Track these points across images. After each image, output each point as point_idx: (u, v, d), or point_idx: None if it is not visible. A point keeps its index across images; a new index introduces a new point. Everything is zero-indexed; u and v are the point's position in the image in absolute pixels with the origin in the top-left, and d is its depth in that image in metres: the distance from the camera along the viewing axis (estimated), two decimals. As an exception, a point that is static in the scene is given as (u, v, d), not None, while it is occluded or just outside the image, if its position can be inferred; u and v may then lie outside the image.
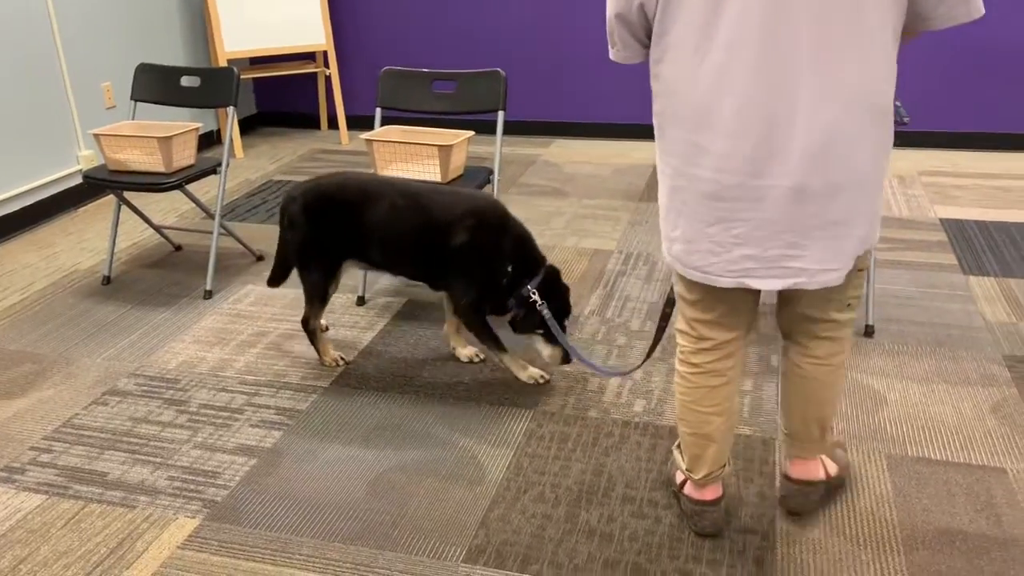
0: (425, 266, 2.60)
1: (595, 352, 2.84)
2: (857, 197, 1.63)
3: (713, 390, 1.89)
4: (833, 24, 1.50)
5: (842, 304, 1.84)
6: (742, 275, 1.68)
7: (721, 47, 1.55)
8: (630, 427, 2.43)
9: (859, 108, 1.56)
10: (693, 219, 1.69)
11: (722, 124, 1.59)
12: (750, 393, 2.58)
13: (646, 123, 5.29)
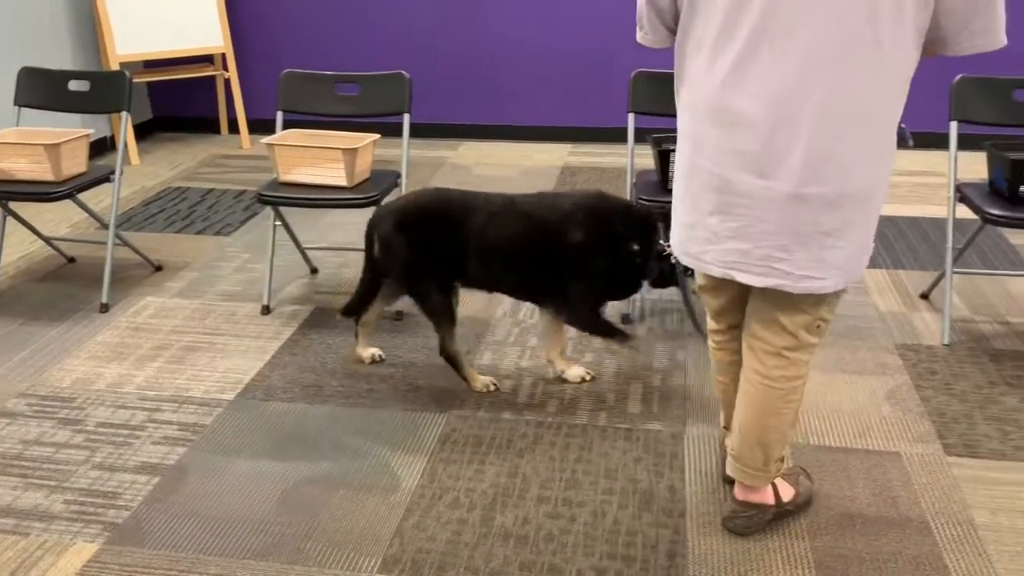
0: (539, 276, 2.44)
1: (507, 354, 2.84)
2: (853, 212, 1.65)
3: (728, 365, 2.06)
4: (850, 40, 1.53)
5: (812, 323, 1.81)
6: (730, 267, 1.74)
7: (739, 47, 1.60)
8: (544, 427, 2.44)
9: (865, 124, 1.59)
10: (696, 206, 1.76)
11: (731, 122, 1.64)
12: (659, 389, 2.62)
13: (552, 125, 5.35)
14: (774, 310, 1.81)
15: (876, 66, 1.56)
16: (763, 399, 1.88)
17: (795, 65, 1.57)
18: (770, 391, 1.86)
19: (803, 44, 1.56)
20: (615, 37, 5.07)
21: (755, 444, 1.92)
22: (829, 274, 1.70)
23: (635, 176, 3.11)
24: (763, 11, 1.57)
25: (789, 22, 1.56)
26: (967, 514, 2.06)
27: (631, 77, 3.09)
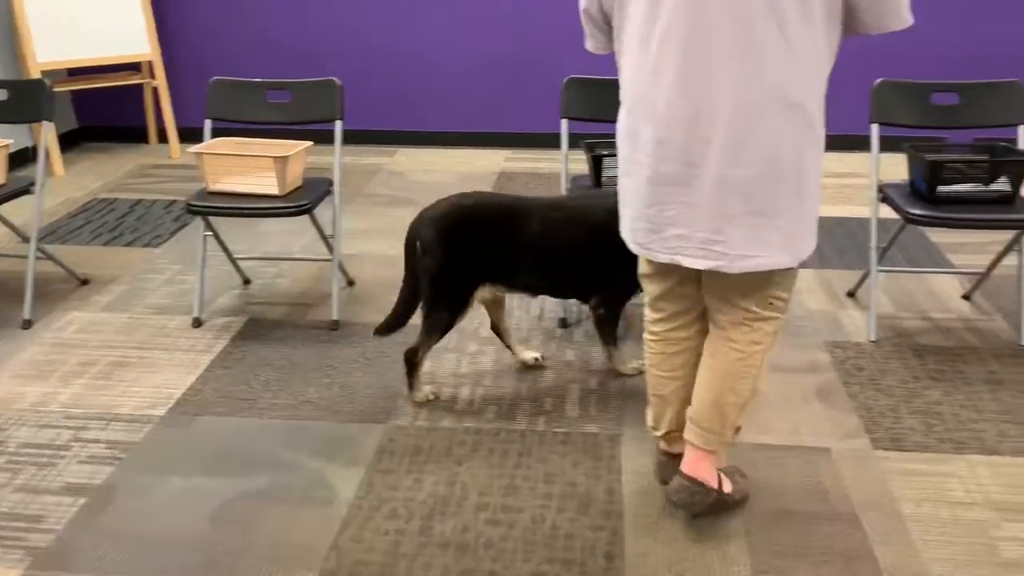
0: (588, 275, 2.54)
1: (445, 361, 2.83)
2: (778, 190, 1.75)
3: (669, 357, 2.07)
4: (753, 26, 1.64)
5: (764, 299, 1.90)
6: (674, 252, 1.84)
7: (656, 43, 1.73)
8: (482, 434, 2.43)
9: (778, 106, 1.69)
10: (636, 200, 1.87)
11: (657, 115, 1.75)
12: (597, 391, 2.64)
13: (488, 131, 5.35)
14: (726, 290, 1.91)
15: (787, 55, 1.67)
16: (726, 360, 1.96)
17: (705, 61, 1.69)
18: (732, 352, 1.95)
19: (709, 41, 1.68)
20: (551, 42, 5.11)
21: (713, 406, 1.98)
22: (765, 252, 1.79)
23: (570, 181, 3.12)
24: (672, 13, 1.70)
25: (694, 23, 1.68)
26: (895, 506, 2.12)
27: (563, 83, 3.12)
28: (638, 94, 1.79)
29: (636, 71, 1.79)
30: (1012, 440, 2.37)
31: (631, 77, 1.81)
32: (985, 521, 2.06)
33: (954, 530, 2.04)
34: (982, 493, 2.16)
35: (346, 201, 4.32)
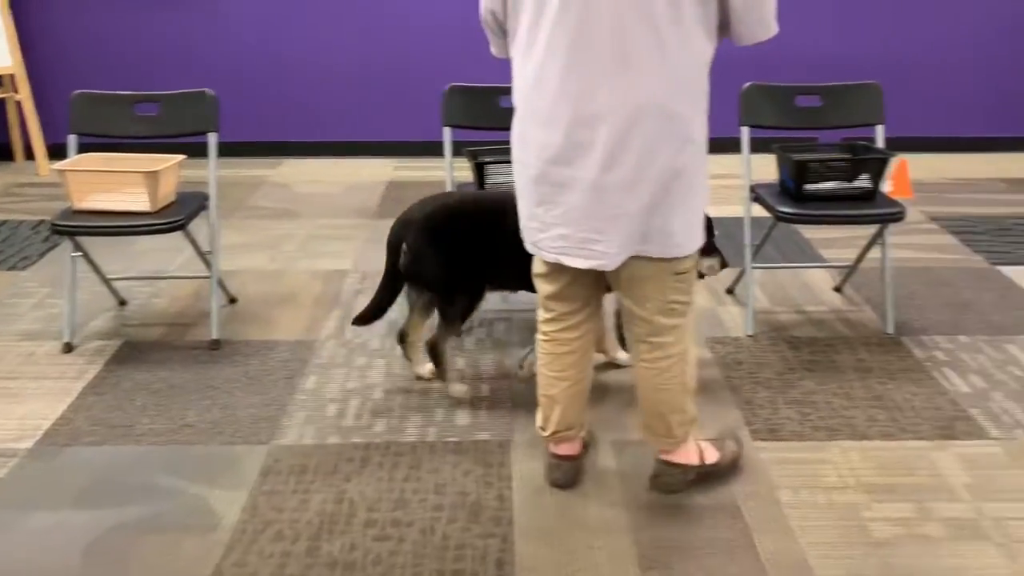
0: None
1: (333, 377, 2.78)
2: (654, 194, 1.82)
3: (558, 357, 2.11)
4: (631, 36, 1.72)
5: (663, 306, 1.95)
6: (559, 252, 1.91)
7: (541, 49, 1.80)
8: (371, 448, 2.39)
9: (655, 113, 1.76)
10: (526, 199, 1.94)
11: (541, 118, 1.83)
12: (488, 399, 2.64)
13: (375, 140, 5.30)
14: (629, 303, 1.98)
15: (664, 65, 1.74)
16: (646, 378, 2.06)
17: (586, 69, 1.76)
18: (648, 371, 2.04)
19: (589, 50, 1.74)
20: (438, 49, 5.10)
21: (654, 414, 2.09)
22: (642, 251, 1.87)
23: (455, 189, 3.12)
24: (554, 23, 1.77)
25: (575, 32, 1.75)
26: (773, 495, 2.20)
27: (444, 91, 3.11)
28: (526, 99, 1.87)
29: (522, 75, 1.87)
30: (880, 424, 2.49)
31: (520, 83, 1.88)
32: (857, 503, 2.16)
33: (828, 514, 2.12)
34: (854, 477, 2.26)
35: (227, 215, 4.20)
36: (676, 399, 2.07)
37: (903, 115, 5.20)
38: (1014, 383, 2.70)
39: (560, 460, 2.23)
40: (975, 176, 4.84)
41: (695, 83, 1.82)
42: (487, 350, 2.94)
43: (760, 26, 1.80)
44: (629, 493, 2.21)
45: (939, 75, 5.13)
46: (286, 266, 3.66)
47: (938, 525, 2.08)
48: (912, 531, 2.06)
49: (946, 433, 2.44)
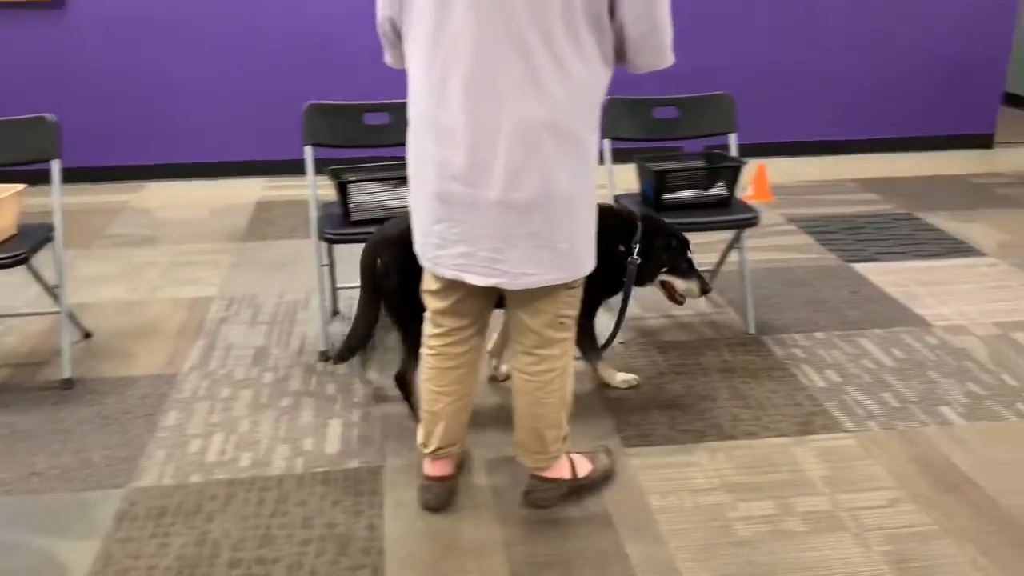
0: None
1: (196, 411, 2.66)
2: (555, 214, 1.83)
3: (443, 371, 2.09)
4: (531, 58, 1.71)
5: (554, 320, 1.97)
6: (460, 269, 1.90)
7: (440, 68, 1.77)
8: (236, 485, 2.30)
9: (553, 134, 1.77)
10: (424, 215, 1.92)
11: (442, 136, 1.81)
12: (358, 424, 2.58)
13: (243, 159, 5.15)
14: (519, 313, 1.99)
15: (563, 87, 1.75)
16: (525, 392, 2.06)
17: (486, 89, 1.75)
18: (529, 384, 2.04)
19: (489, 70, 1.74)
20: (305, 66, 4.99)
21: (529, 430, 2.10)
22: (542, 271, 1.88)
23: (320, 209, 3.05)
24: (454, 41, 1.75)
25: (476, 51, 1.74)
26: (644, 501, 2.23)
27: (303, 110, 3.04)
28: (423, 114, 1.84)
29: (422, 91, 1.83)
30: (744, 423, 2.57)
31: (416, 97, 1.86)
32: (723, 504, 2.22)
33: (695, 517, 2.17)
34: (720, 477, 2.33)
35: (84, 245, 3.99)
36: (555, 413, 2.08)
37: (761, 122, 5.44)
38: (867, 376, 2.84)
39: (432, 482, 2.20)
40: (829, 178, 5.09)
41: (592, 107, 1.83)
42: (358, 375, 2.88)
43: (656, 55, 1.82)
44: (502, 511, 2.20)
45: (792, 83, 5.38)
46: (147, 296, 3.50)
47: (798, 520, 2.16)
48: (775, 527, 2.13)
49: (805, 428, 2.55)
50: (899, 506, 2.20)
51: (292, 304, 3.41)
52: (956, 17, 5.35)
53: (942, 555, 2.03)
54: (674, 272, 2.55)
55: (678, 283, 2.56)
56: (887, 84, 5.45)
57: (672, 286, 2.57)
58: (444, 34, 1.76)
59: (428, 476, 2.20)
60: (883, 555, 2.03)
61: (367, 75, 5.03)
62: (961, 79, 5.49)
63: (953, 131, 5.62)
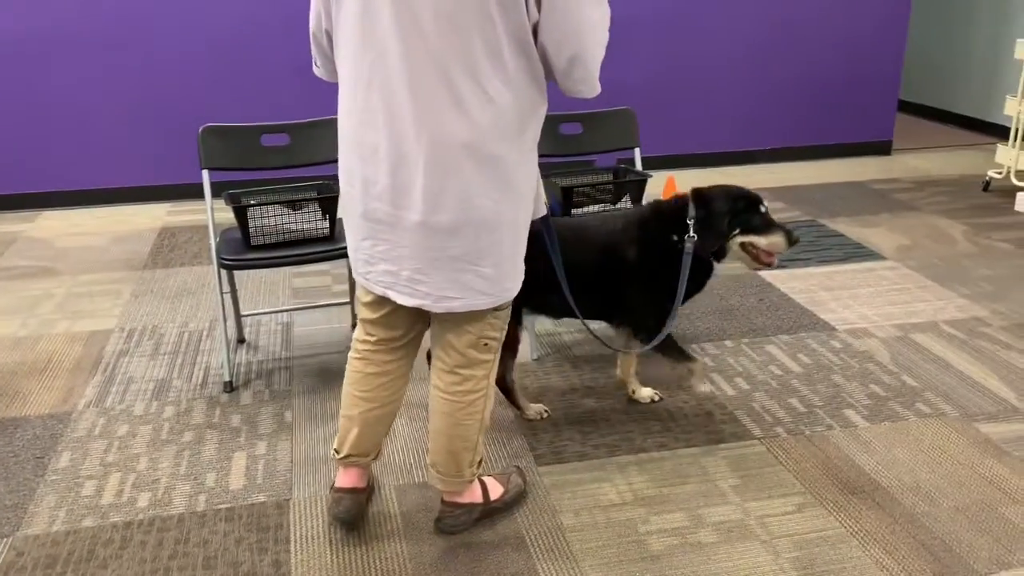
0: (602, 297, 2.49)
1: (91, 451, 2.53)
2: (478, 239, 1.79)
3: (366, 376, 2.07)
4: (453, 80, 1.68)
5: (477, 341, 1.95)
6: (386, 287, 1.90)
7: (364, 87, 1.76)
8: (133, 527, 2.19)
9: (474, 157, 1.73)
10: (353, 232, 1.91)
11: (366, 155, 1.80)
12: (264, 457, 2.50)
13: (146, 184, 4.98)
14: (443, 331, 1.96)
15: (486, 110, 1.71)
16: (445, 412, 2.02)
17: (408, 110, 1.72)
18: (449, 404, 2.01)
19: (412, 91, 1.70)
20: (204, 88, 4.86)
21: (446, 452, 2.05)
22: (466, 295, 1.85)
23: (220, 235, 2.96)
24: (378, 61, 1.72)
25: (398, 72, 1.70)
26: (556, 520, 2.21)
27: (199, 133, 2.94)
28: (350, 133, 1.83)
29: (348, 110, 1.82)
30: (655, 436, 2.58)
31: (344, 115, 1.84)
32: (635, 519, 2.22)
33: (608, 533, 2.16)
34: (632, 492, 2.32)
35: (-29, 279, 3.79)
36: (473, 436, 2.05)
37: (670, 135, 5.54)
38: (774, 382, 2.89)
39: (343, 494, 2.15)
40: (737, 187, 5.20)
41: (520, 132, 1.78)
42: (264, 403, 2.79)
43: (583, 85, 1.78)
44: (413, 538, 2.15)
45: (697, 97, 5.49)
46: (40, 331, 3.34)
47: (710, 530, 2.17)
48: (685, 540, 2.13)
49: (715, 438, 2.57)
50: (806, 511, 2.23)
51: (196, 334, 3.30)
52: (852, 30, 5.55)
53: (848, 558, 2.06)
54: (750, 231, 2.41)
55: (759, 240, 2.41)
56: (788, 95, 5.61)
57: (753, 246, 2.43)
58: (368, 52, 1.73)
59: (338, 488, 2.15)
60: (791, 562, 2.05)
61: (269, 96, 4.94)
62: (859, 89, 5.70)
63: (853, 139, 5.82)
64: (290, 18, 4.85)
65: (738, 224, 2.40)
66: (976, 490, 2.31)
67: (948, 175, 5.40)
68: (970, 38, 6.53)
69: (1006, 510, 2.23)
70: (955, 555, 2.07)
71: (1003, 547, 2.09)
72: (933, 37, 6.89)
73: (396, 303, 1.95)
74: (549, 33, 1.68)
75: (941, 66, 6.83)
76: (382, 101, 1.74)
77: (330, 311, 3.46)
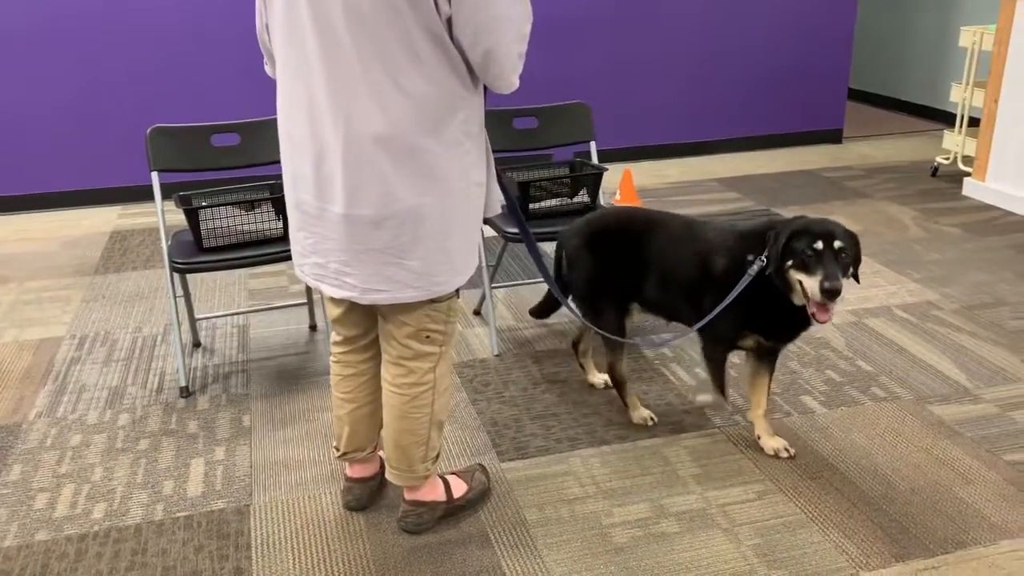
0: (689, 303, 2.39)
1: (43, 462, 2.47)
2: (402, 231, 1.79)
3: (345, 378, 2.11)
4: (367, 73, 1.69)
5: (418, 333, 1.94)
6: (317, 279, 1.91)
7: (291, 81, 1.78)
8: (88, 539, 2.15)
9: (389, 151, 1.73)
10: (291, 223, 1.94)
11: (295, 148, 1.83)
12: (223, 462, 2.46)
13: (95, 187, 4.87)
14: (385, 322, 1.97)
15: (402, 104, 1.71)
16: (392, 404, 2.02)
17: (328, 102, 1.73)
18: (396, 397, 2.00)
19: (331, 84, 1.71)
20: (154, 89, 4.77)
21: (394, 447, 2.05)
22: (391, 288, 1.84)
23: (172, 237, 2.90)
24: (299, 52, 1.74)
25: (319, 65, 1.71)
26: (520, 516, 2.21)
27: (147, 134, 2.88)
28: (283, 128, 1.86)
29: (280, 104, 1.85)
30: (616, 427, 2.59)
31: (278, 110, 1.86)
32: (598, 511, 2.22)
33: (571, 527, 2.17)
34: (595, 484, 2.33)
35: (-87, 289, 3.67)
36: (421, 430, 2.03)
37: (625, 128, 5.56)
38: (732, 370, 2.91)
39: (353, 483, 2.22)
40: (692, 178, 5.25)
41: (443, 125, 1.76)
42: (221, 408, 2.75)
43: (499, 80, 1.77)
44: (375, 539, 2.13)
45: (651, 89, 5.52)
46: (-12, 341, 3.25)
47: (672, 521, 2.18)
48: (648, 531, 2.15)
49: (675, 428, 2.59)
50: (767, 498, 2.26)
51: (150, 339, 3.23)
52: (802, 21, 5.62)
53: (809, 543, 2.09)
54: (799, 267, 2.13)
55: (805, 280, 2.12)
56: (741, 86, 5.67)
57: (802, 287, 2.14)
58: (292, 47, 1.75)
59: (348, 477, 2.23)
60: (753, 549, 2.07)
61: (219, 95, 4.86)
62: (810, 79, 5.77)
63: (805, 128, 5.90)
64: (238, 16, 4.77)
65: (790, 255, 2.14)
66: (931, 472, 2.36)
67: (897, 162, 5.50)
68: (917, 26, 6.65)
69: (960, 491, 2.28)
70: (911, 536, 2.11)
71: (957, 527, 2.14)
72: (881, 26, 7.01)
73: (348, 300, 1.95)
74: (462, 28, 1.69)
75: (889, 55, 6.95)
76: (304, 94, 1.76)
77: (287, 312, 3.42)
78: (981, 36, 4.68)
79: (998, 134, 4.55)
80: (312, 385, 2.87)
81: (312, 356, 3.08)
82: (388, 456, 2.09)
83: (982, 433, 2.53)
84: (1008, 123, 4.49)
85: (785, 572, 2.00)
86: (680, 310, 2.45)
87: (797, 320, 2.25)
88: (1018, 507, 2.20)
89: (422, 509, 2.14)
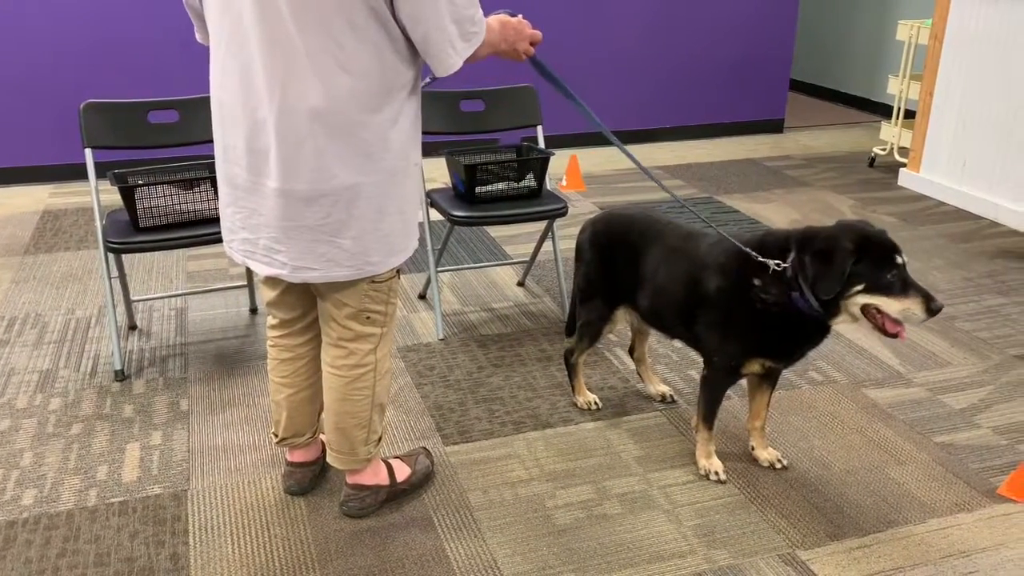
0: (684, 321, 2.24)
1: (-32, 447, 2.39)
2: (335, 209, 1.75)
3: (282, 363, 2.08)
4: (304, 48, 1.65)
5: (357, 313, 1.91)
6: (246, 256, 1.87)
7: (224, 50, 1.74)
8: (17, 527, 2.08)
9: (323, 127, 1.69)
10: (222, 197, 1.89)
11: (226, 120, 1.78)
12: (160, 447, 2.40)
13: (25, 165, 4.70)
14: (323, 303, 1.93)
15: (339, 75, 1.68)
16: (332, 387, 1.99)
17: (262, 76, 1.69)
18: (336, 379, 1.97)
19: (265, 58, 1.68)
20: (86, 62, 4.61)
21: (335, 430, 2.02)
22: (325, 267, 1.81)
23: (104, 217, 2.81)
24: (233, 27, 1.70)
25: (247, 38, 1.68)
26: (464, 499, 2.21)
27: (80, 109, 2.78)
28: (214, 98, 1.81)
29: (212, 73, 1.79)
30: (561, 411, 2.60)
31: (211, 79, 1.81)
32: (542, 494, 2.23)
33: (515, 510, 2.17)
34: (538, 467, 2.34)
35: None
36: (363, 412, 2.01)
37: (572, 114, 5.56)
38: (674, 354, 2.95)
39: (294, 467, 2.20)
40: (638, 165, 5.28)
41: (383, 103, 1.74)
42: (158, 391, 2.69)
43: (438, 63, 1.75)
44: (318, 524, 2.11)
45: (598, 76, 5.54)
46: (-92, 322, 3.11)
47: (615, 502, 2.20)
48: (591, 512, 2.16)
49: (618, 411, 2.61)
50: (707, 480, 2.29)
51: (83, 321, 3.14)
52: (745, 12, 5.69)
53: (747, 523, 2.13)
54: (877, 290, 1.89)
55: (889, 305, 1.89)
56: (686, 75, 5.72)
57: (879, 311, 1.91)
58: (226, 14, 1.70)
59: (289, 462, 2.21)
60: (693, 529, 2.11)
61: (155, 70, 4.72)
62: (752, 69, 5.85)
63: (747, 117, 5.98)
64: (178, -11, 4.64)
65: (863, 278, 1.90)
66: (864, 453, 2.42)
67: (836, 152, 5.61)
68: (856, 20, 6.79)
69: (892, 471, 2.34)
70: (846, 516, 2.16)
71: (890, 506, 2.20)
72: (822, 19, 7.14)
73: (285, 282, 1.92)
74: (401, 8, 1.67)
75: (830, 47, 7.08)
76: (237, 64, 1.72)
77: (227, 295, 3.35)
78: (918, 30, 4.79)
79: (932, 126, 4.68)
80: (252, 369, 2.82)
81: (252, 339, 3.02)
82: (329, 440, 2.06)
83: (914, 416, 2.60)
84: (942, 116, 4.62)
85: (724, 552, 2.03)
86: (674, 327, 2.31)
87: (810, 338, 2.10)
88: (946, 487, 2.28)
89: (364, 493, 2.12)
